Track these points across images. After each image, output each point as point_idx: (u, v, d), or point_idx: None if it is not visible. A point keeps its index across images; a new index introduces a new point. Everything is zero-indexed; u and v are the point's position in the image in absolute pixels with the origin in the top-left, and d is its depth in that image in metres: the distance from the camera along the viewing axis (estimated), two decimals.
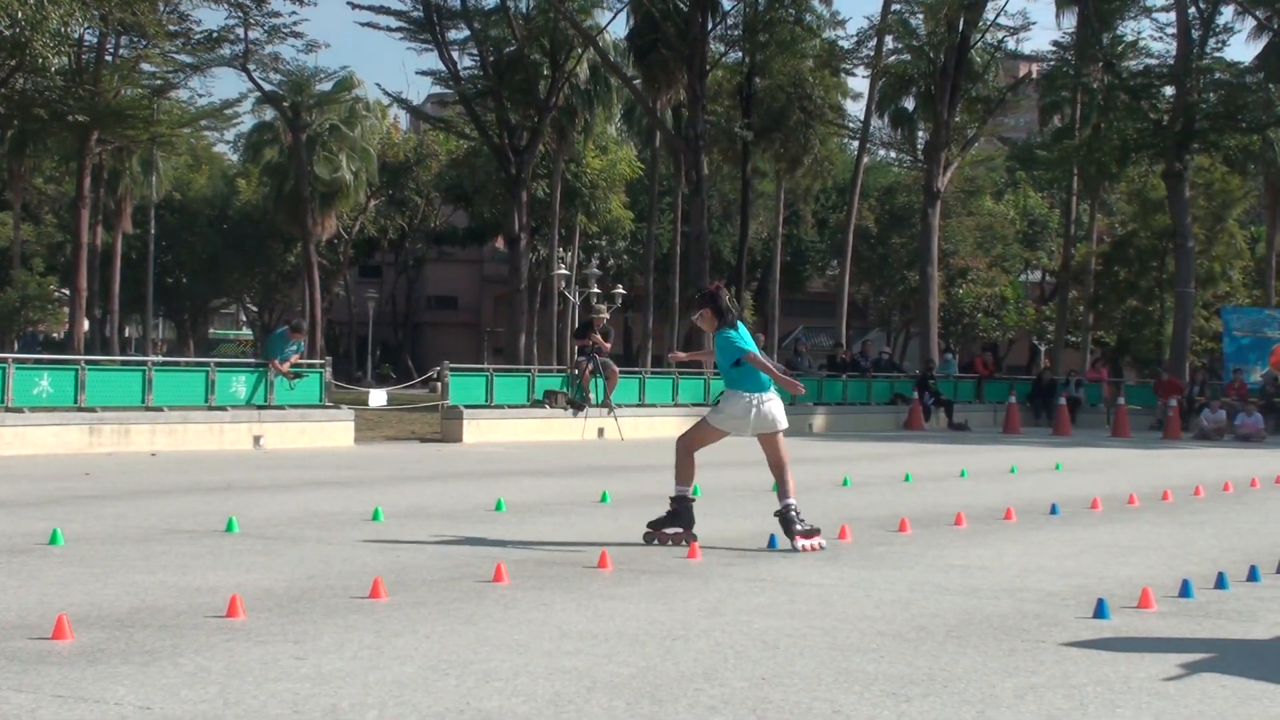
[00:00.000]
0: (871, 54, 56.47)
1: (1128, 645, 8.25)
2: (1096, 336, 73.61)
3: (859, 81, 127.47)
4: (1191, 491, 19.14)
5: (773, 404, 12.76)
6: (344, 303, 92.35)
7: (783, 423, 12.90)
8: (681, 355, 15.20)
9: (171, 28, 49.50)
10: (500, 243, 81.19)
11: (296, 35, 55.35)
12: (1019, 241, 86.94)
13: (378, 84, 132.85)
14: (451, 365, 30.74)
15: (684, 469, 12.72)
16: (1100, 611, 9.11)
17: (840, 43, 57.53)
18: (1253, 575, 10.97)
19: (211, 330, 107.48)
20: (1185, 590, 10.12)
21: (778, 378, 12.80)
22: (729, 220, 79.86)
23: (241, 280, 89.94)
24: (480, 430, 29.16)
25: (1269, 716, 6.66)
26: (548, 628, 8.29)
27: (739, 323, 12.74)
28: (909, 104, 62.00)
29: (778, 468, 12.92)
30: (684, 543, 12.18)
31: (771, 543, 12.21)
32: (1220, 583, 10.54)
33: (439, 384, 30.75)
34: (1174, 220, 51.49)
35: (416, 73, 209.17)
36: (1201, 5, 50.49)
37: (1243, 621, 9.21)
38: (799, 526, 12.36)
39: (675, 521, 12.51)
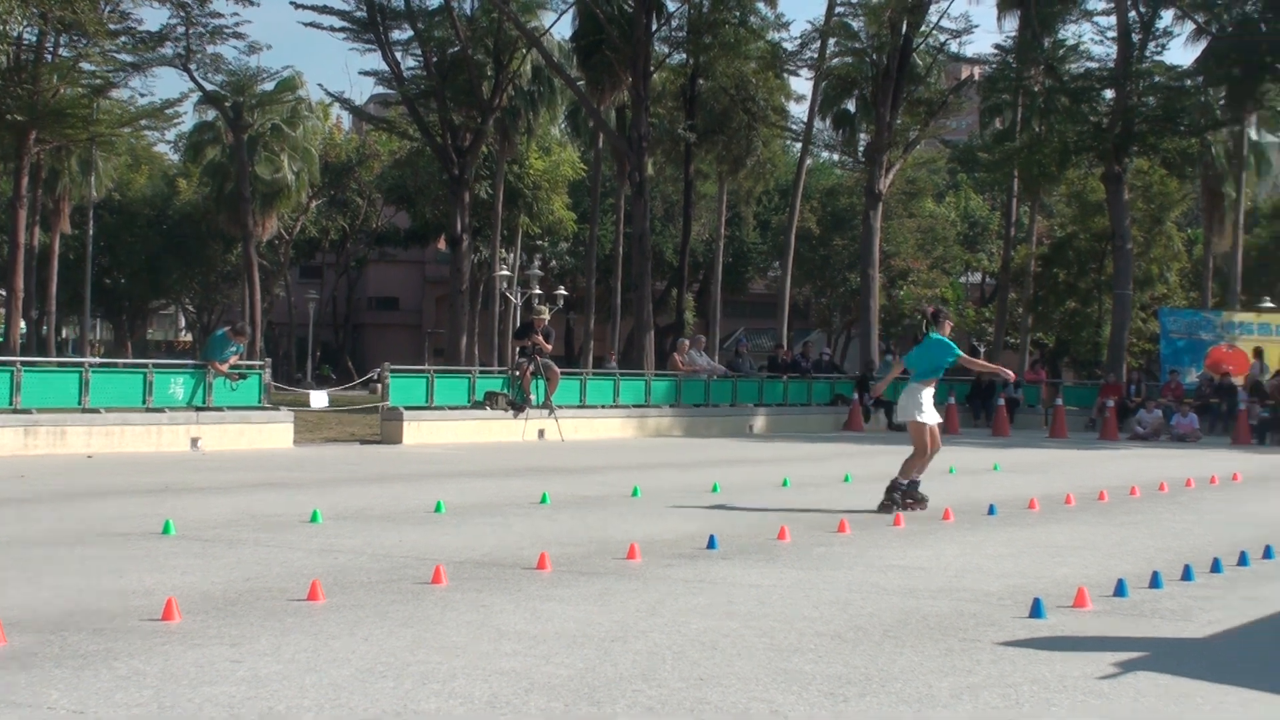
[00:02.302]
0: (815, 56, 56.58)
1: (1063, 644, 8.30)
2: (1035, 338, 74.03)
3: (802, 83, 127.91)
4: (1127, 492, 19.28)
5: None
6: (284, 304, 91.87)
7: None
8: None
9: (112, 26, 49.12)
10: (442, 244, 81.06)
11: (239, 36, 55.07)
12: (959, 243, 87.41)
13: (320, 84, 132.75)
14: (392, 366, 30.61)
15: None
16: (1036, 611, 9.16)
17: (784, 45, 57.64)
18: (1187, 575, 11.07)
19: (150, 331, 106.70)
20: (1120, 590, 10.19)
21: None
22: (671, 221, 79.89)
23: (181, 281, 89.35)
24: (420, 432, 29.07)
25: (1202, 714, 6.72)
26: (486, 629, 8.28)
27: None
28: (851, 106, 62.12)
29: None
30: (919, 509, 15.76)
31: (711, 544, 12.22)
32: (1155, 582, 10.62)
33: (379, 385, 30.62)
34: (1113, 222, 51.82)
35: (359, 73, 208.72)
36: (1141, 9, 50.82)
37: (1177, 620, 9.29)
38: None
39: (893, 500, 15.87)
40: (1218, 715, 6.71)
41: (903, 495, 16.03)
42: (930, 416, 16.09)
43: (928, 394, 16.21)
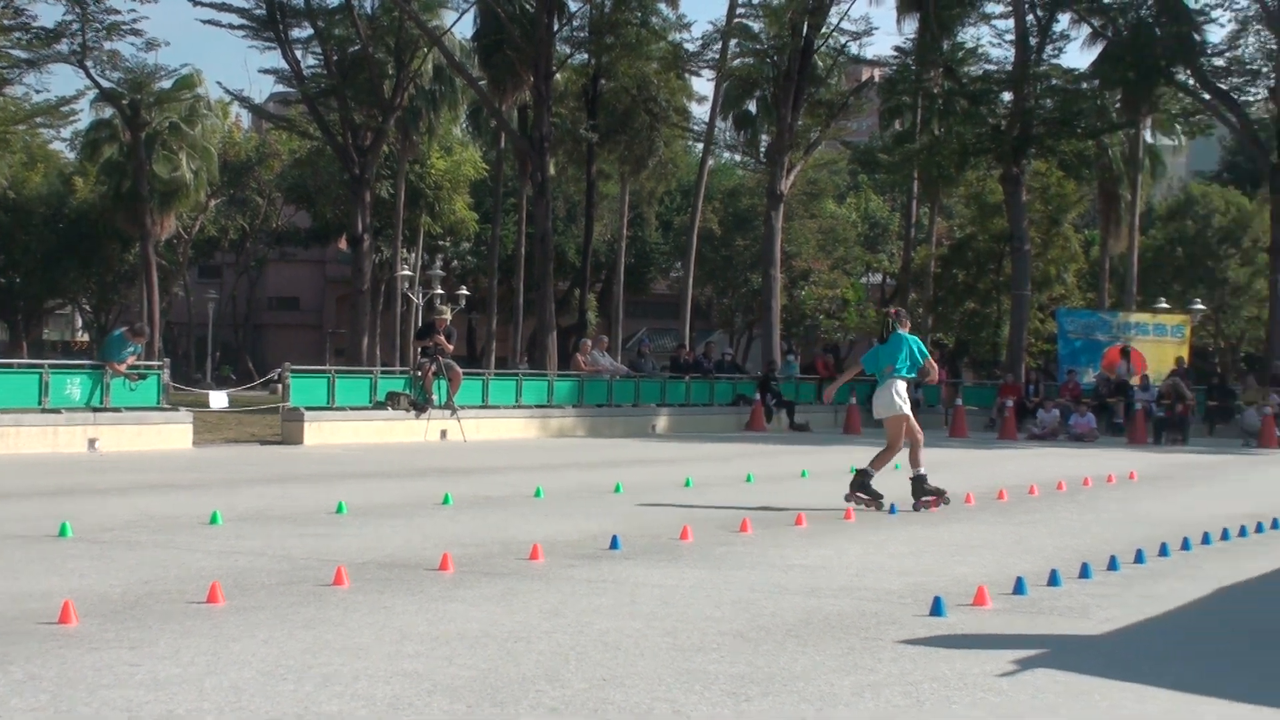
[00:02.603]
0: (716, 57, 56.75)
1: (963, 642, 8.37)
2: (935, 338, 74.61)
3: (704, 84, 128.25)
4: (1026, 491, 19.49)
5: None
6: (183, 303, 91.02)
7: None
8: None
9: (6, 22, 48.46)
10: (343, 243, 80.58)
11: (136, 33, 54.51)
12: (860, 244, 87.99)
13: (219, 82, 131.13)
14: (293, 366, 30.40)
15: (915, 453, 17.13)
16: (937, 609, 9.23)
17: (685, 46, 57.78)
18: (1084, 572, 11.19)
19: (45, 332, 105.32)
20: (1019, 587, 10.29)
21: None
22: (574, 222, 79.88)
23: (78, 281, 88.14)
24: (321, 432, 28.88)
25: (1100, 710, 6.80)
26: (388, 631, 8.23)
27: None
28: (753, 107, 62.37)
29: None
30: (939, 505, 16.77)
31: (614, 544, 12.23)
32: (1053, 580, 10.73)
33: (280, 385, 30.39)
34: (1011, 224, 52.34)
35: (259, 71, 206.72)
36: (1039, 13, 51.36)
37: (1074, 617, 9.39)
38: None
39: (924, 492, 16.90)
40: (1115, 712, 6.79)
41: (861, 489, 16.82)
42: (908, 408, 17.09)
43: (903, 387, 17.12)
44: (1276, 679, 7.70)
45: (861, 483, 16.84)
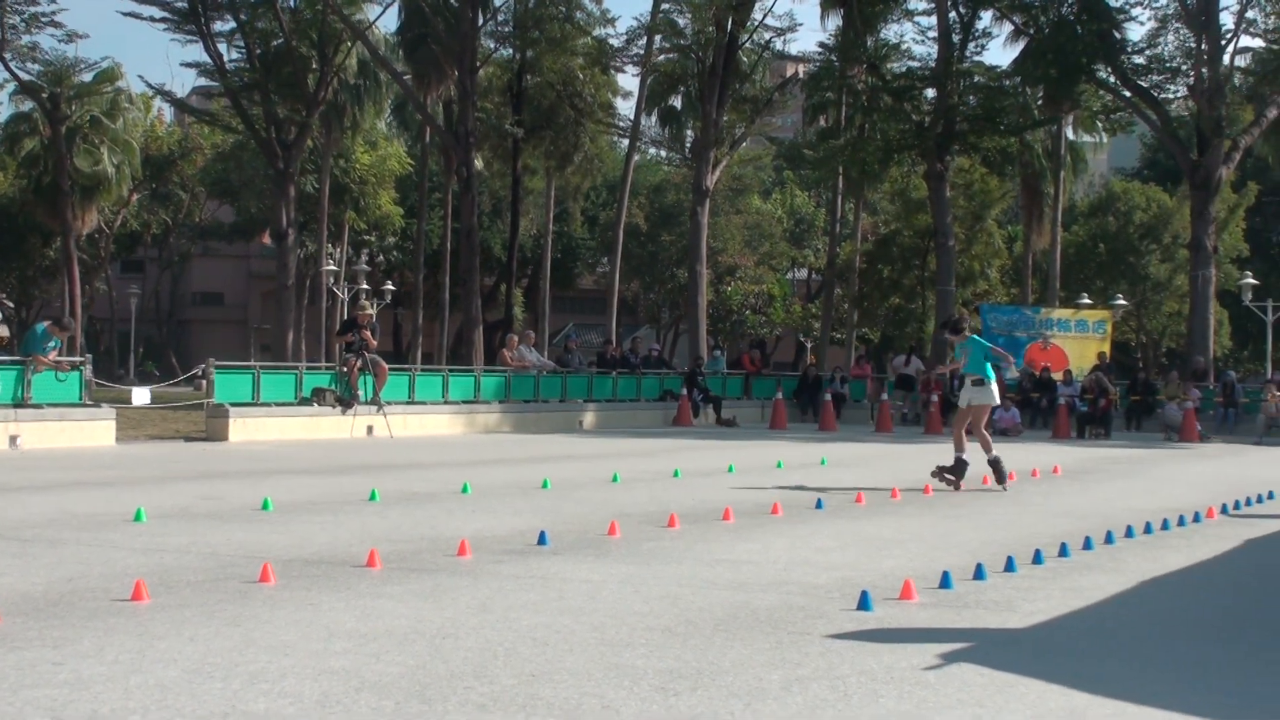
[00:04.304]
0: (641, 53, 56.80)
1: (890, 636, 8.42)
2: (861, 333, 74.99)
3: (629, 80, 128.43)
4: (952, 487, 19.56)
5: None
6: (105, 299, 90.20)
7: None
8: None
9: None
10: (267, 238, 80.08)
11: (56, 25, 53.99)
12: (786, 240, 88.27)
13: (141, 76, 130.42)
14: (217, 362, 30.16)
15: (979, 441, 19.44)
16: (863, 603, 9.28)
17: (610, 41, 57.84)
18: (1009, 566, 11.27)
19: None
20: (945, 581, 10.35)
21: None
22: (499, 217, 79.75)
23: None
24: (246, 428, 28.69)
25: (1024, 703, 6.85)
26: (315, 628, 8.19)
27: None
28: (678, 103, 62.52)
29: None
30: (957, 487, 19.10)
31: (542, 539, 12.21)
32: (979, 574, 10.80)
33: (204, 381, 30.16)
34: (935, 220, 52.65)
35: (181, 65, 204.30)
36: (961, 10, 51.69)
37: (999, 611, 9.46)
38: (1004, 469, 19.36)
39: (956, 471, 19.22)
40: (1040, 705, 6.84)
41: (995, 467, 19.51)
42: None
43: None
44: (1196, 670, 7.79)
45: (994, 467, 19.52)
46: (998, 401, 20.10)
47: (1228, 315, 72.66)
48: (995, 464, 19.49)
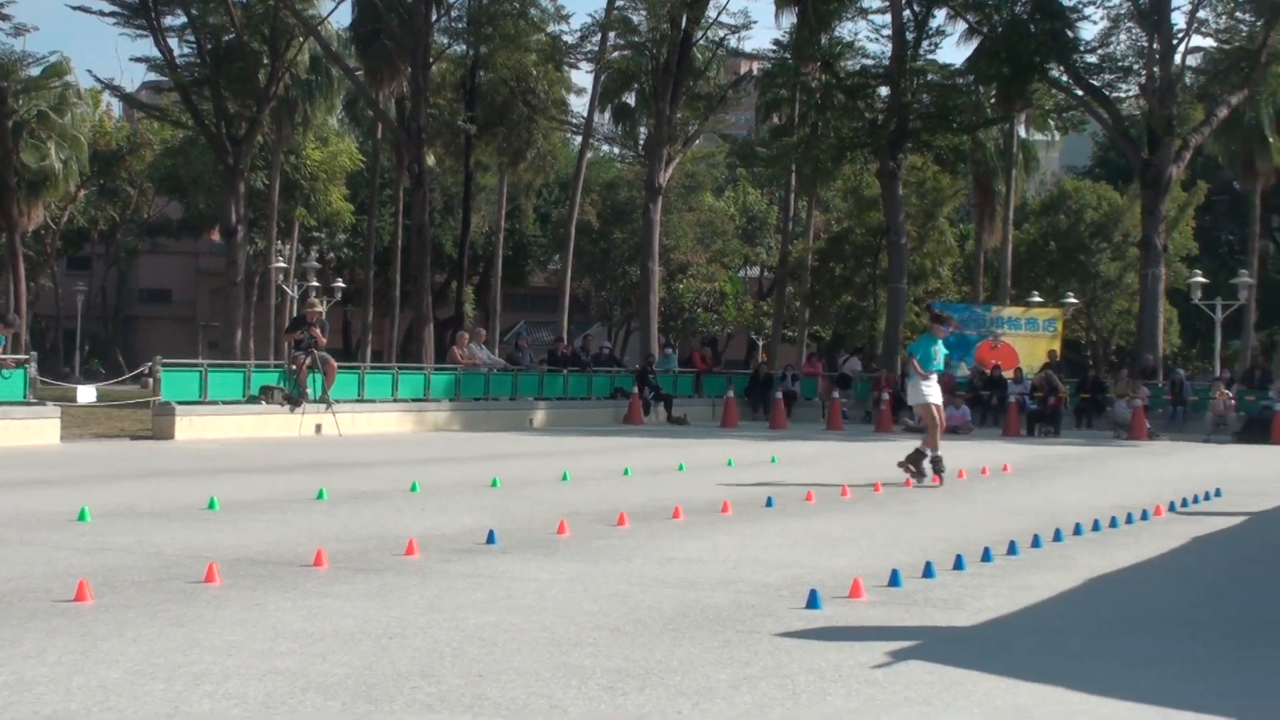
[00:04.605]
0: (595, 49, 56.76)
1: (839, 634, 8.43)
2: (812, 331, 75.17)
3: (582, 77, 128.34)
4: (901, 483, 19.64)
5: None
6: (51, 295, 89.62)
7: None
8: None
9: None
10: (216, 235, 79.75)
11: (4, 17, 53.59)
12: (738, 237, 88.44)
13: (89, 70, 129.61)
14: (164, 360, 29.99)
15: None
16: (812, 602, 9.29)
17: (564, 37, 57.73)
18: (958, 564, 11.31)
19: None
20: (894, 579, 10.38)
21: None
22: (451, 214, 79.58)
23: None
24: (194, 427, 28.52)
25: (973, 700, 6.87)
26: (261, 628, 8.15)
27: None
28: (631, 100, 62.52)
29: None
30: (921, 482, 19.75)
31: (490, 538, 12.19)
32: (928, 572, 10.83)
33: (151, 379, 29.99)
34: (887, 217, 52.81)
35: (131, 59, 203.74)
36: (915, 8, 51.86)
37: (948, 609, 9.49)
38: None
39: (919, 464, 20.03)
40: (988, 702, 6.86)
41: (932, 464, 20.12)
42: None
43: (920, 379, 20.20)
44: (1146, 666, 7.82)
45: (915, 458, 20.10)
46: (924, 399, 20.30)
47: (1177, 313, 73.15)
48: (932, 460, 20.20)
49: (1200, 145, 53.00)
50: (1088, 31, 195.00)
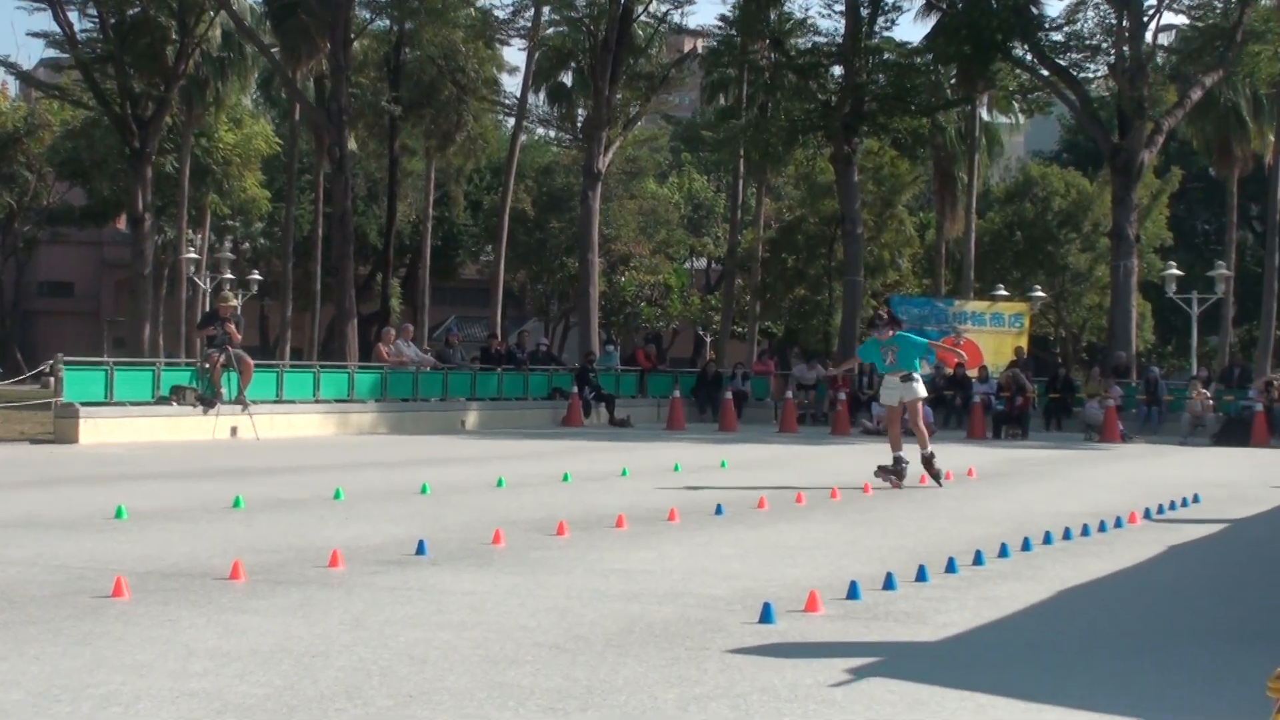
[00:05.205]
0: (528, 25, 56.73)
1: (794, 650, 8.44)
2: (764, 327, 75.33)
3: (515, 54, 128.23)
4: (860, 489, 19.70)
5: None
6: None
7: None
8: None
9: None
10: (122, 223, 79.27)
11: None
12: (683, 227, 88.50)
13: None
14: (66, 358, 29.81)
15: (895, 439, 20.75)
16: (766, 616, 9.30)
17: (495, 12, 57.75)
18: (921, 575, 11.34)
19: None
20: (853, 592, 10.41)
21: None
22: (375, 201, 79.39)
23: None
24: (99, 430, 28.34)
25: (937, 719, 6.91)
26: (173, 646, 8.11)
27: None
28: (568, 79, 62.47)
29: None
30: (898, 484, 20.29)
31: (420, 549, 12.16)
32: (888, 583, 10.87)
33: (52, 379, 29.81)
34: (842, 206, 52.94)
35: (27, 34, 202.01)
36: None
37: (910, 623, 9.52)
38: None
39: (896, 471, 20.46)
40: None
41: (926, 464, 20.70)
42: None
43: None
44: (1115, 683, 7.87)
45: (927, 465, 20.62)
46: (925, 394, 21.47)
47: (1151, 308, 73.63)
48: (928, 461, 20.72)
49: (1173, 129, 53.44)
50: (1053, 8, 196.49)
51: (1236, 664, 8.53)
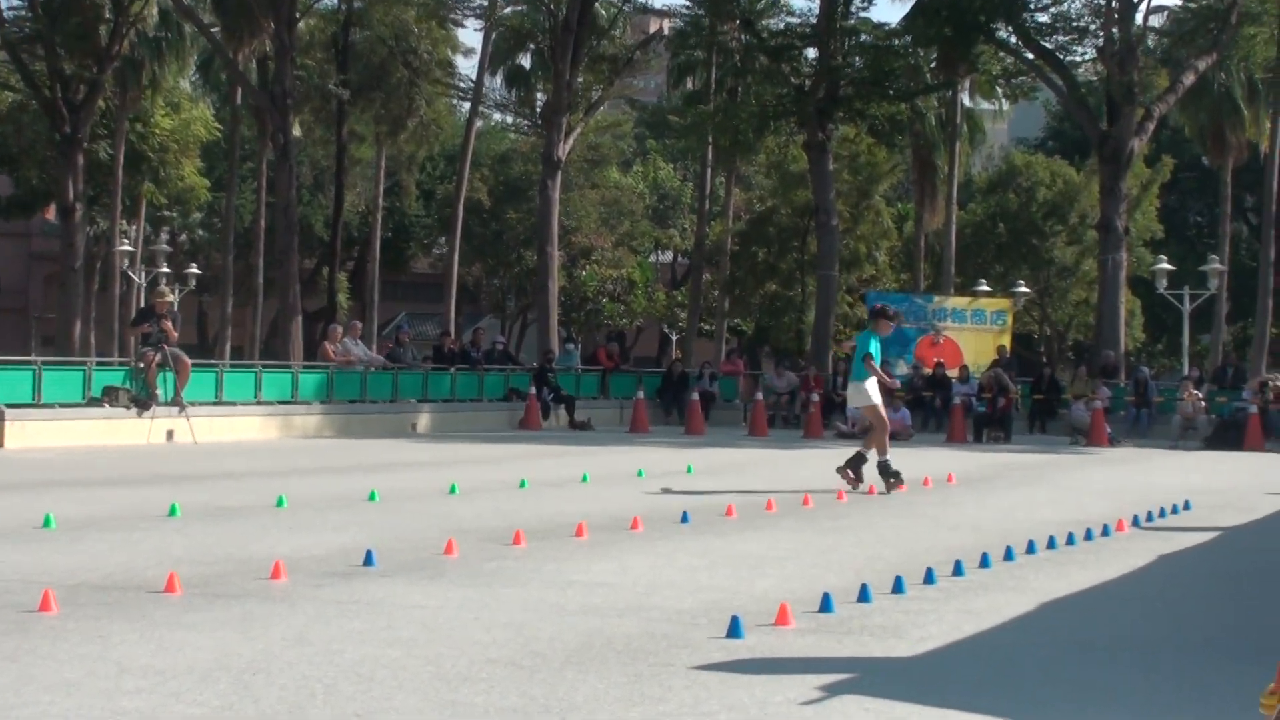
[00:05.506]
0: (484, 4, 56.69)
1: (764, 666, 8.45)
2: (732, 324, 75.38)
3: (471, 35, 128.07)
4: (834, 496, 19.72)
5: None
6: None
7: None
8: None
9: None
10: (51, 214, 78.90)
11: None
12: (648, 218, 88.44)
13: None
14: None
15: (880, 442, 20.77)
16: (734, 630, 9.31)
17: None
18: (898, 586, 11.37)
19: None
20: (826, 605, 10.42)
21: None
22: (321, 190, 79.24)
23: None
24: (26, 434, 28.22)
25: None
26: (105, 664, 8.08)
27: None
28: (526, 62, 62.52)
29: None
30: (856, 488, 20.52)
31: (368, 559, 12.13)
32: (863, 595, 10.88)
33: None
34: (816, 196, 52.96)
35: None
36: None
37: (886, 638, 9.54)
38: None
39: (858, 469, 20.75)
40: None
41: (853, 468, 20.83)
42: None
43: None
44: (1101, 700, 7.90)
45: (855, 462, 20.82)
46: (871, 401, 21.06)
47: (1140, 304, 73.93)
48: (868, 466, 20.88)
49: (1165, 115, 53.58)
50: None
51: (1229, 679, 8.57)
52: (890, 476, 20.70)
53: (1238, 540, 16.84)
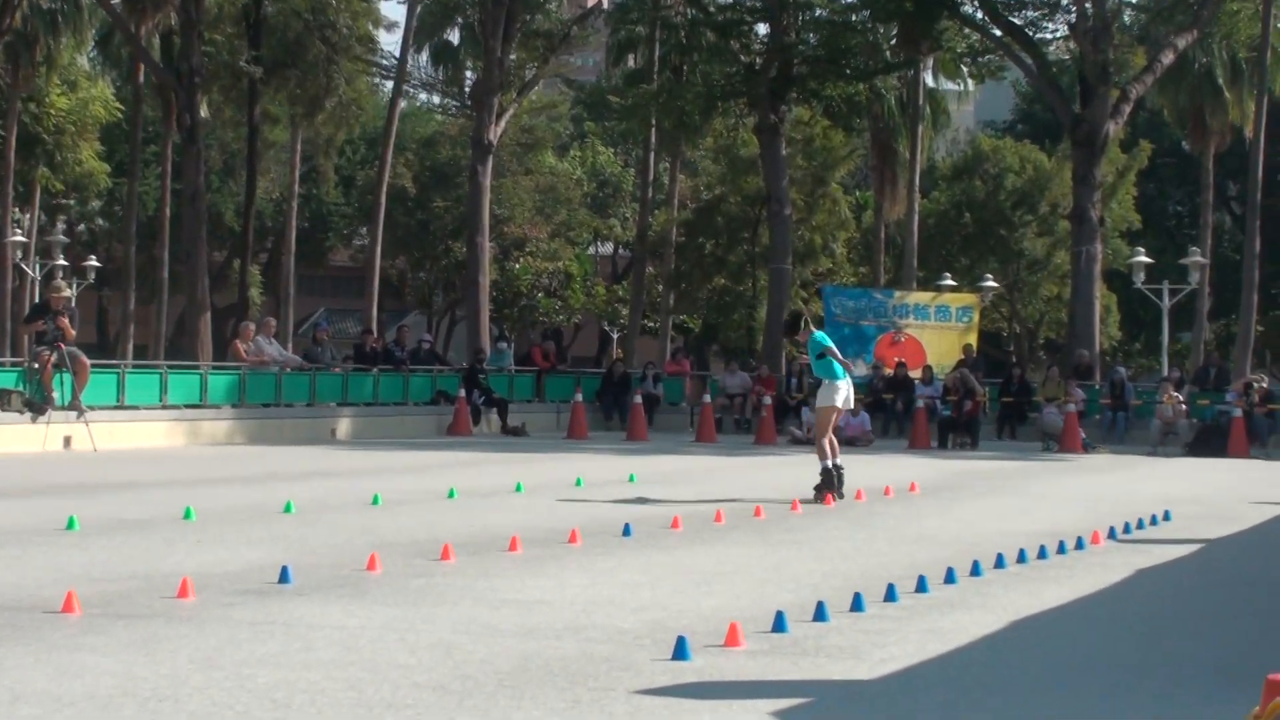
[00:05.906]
0: None
1: (712, 690, 8.46)
2: (678, 321, 75.40)
3: (394, 8, 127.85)
4: (788, 506, 19.76)
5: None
6: None
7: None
8: None
9: None
10: None
11: None
12: (587, 207, 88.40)
13: None
14: None
15: (823, 450, 20.84)
16: (680, 651, 9.31)
17: None
18: (857, 604, 11.39)
19: None
20: (779, 624, 10.43)
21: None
22: (232, 176, 79.03)
23: None
24: None
25: None
26: None
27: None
28: (455, 37, 62.47)
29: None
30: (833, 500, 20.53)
31: (284, 576, 12.09)
32: (820, 614, 10.90)
33: None
34: (768, 183, 53.02)
35: None
36: None
37: (844, 659, 9.56)
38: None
39: (829, 486, 20.67)
40: None
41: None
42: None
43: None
44: None
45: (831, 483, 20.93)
46: (839, 405, 21.33)
47: (1116, 300, 74.19)
48: (825, 473, 20.97)
49: (1142, 97, 53.85)
50: None
51: (1211, 704, 8.62)
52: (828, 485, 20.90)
53: (1220, 553, 16.93)
